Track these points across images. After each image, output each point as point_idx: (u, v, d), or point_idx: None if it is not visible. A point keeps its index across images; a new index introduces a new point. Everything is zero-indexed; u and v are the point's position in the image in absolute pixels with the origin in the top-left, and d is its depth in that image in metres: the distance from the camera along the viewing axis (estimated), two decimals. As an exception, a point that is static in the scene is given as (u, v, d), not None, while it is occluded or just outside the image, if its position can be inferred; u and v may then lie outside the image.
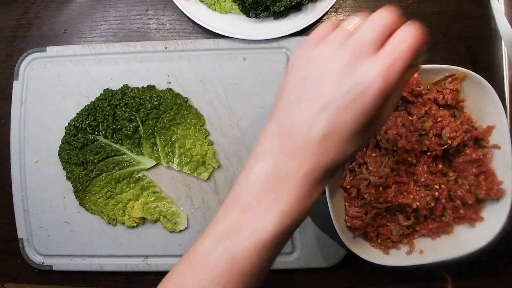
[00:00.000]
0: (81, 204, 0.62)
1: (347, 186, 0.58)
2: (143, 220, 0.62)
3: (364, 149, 0.58)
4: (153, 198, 0.61)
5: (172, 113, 0.62)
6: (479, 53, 0.65)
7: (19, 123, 0.64)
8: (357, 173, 0.59)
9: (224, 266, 0.35)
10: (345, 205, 0.59)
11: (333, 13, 0.65)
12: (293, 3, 0.61)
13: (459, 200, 0.58)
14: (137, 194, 0.62)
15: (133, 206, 0.61)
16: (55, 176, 0.63)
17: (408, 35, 0.38)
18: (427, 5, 0.66)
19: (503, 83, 0.65)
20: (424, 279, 0.63)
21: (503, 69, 0.65)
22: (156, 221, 0.62)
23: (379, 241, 0.57)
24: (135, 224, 0.62)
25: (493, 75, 0.65)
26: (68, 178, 0.62)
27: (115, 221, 0.62)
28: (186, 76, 0.64)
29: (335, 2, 0.64)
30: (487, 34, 0.65)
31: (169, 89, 0.63)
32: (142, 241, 0.62)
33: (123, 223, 0.62)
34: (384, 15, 0.39)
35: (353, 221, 0.56)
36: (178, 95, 0.63)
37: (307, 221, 0.61)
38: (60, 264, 0.62)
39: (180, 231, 0.61)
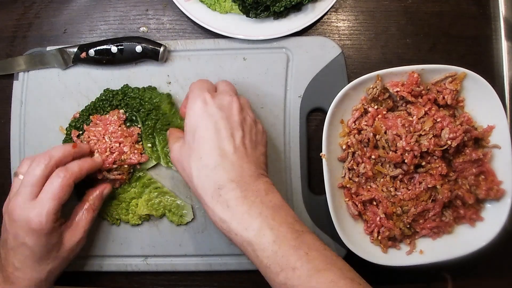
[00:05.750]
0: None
1: (347, 185, 0.59)
2: (148, 217, 0.62)
3: (364, 149, 0.58)
4: (156, 194, 0.62)
5: (171, 114, 0.62)
6: (479, 53, 0.65)
7: (19, 123, 0.64)
8: (355, 171, 0.59)
9: None
10: (345, 201, 0.59)
11: (333, 13, 0.65)
12: (293, 3, 0.61)
13: (459, 200, 0.58)
14: (140, 192, 0.62)
15: (137, 204, 0.61)
16: (55, 176, 0.63)
17: (53, 183, 0.51)
18: (427, 5, 0.66)
19: (503, 83, 0.65)
20: (424, 279, 0.63)
21: (503, 69, 0.65)
22: (161, 216, 0.62)
23: (379, 238, 0.57)
24: (140, 222, 0.62)
25: (493, 75, 0.65)
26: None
27: (119, 221, 0.62)
28: (186, 76, 0.64)
29: (335, 2, 0.64)
30: (487, 34, 0.65)
31: (168, 95, 0.62)
32: (142, 241, 0.62)
33: (128, 222, 0.62)
34: (35, 168, 0.52)
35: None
36: (174, 104, 0.63)
37: (307, 221, 0.61)
38: (60, 264, 0.62)
39: (187, 223, 0.62)
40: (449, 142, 0.55)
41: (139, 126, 0.62)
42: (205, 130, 0.49)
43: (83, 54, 0.62)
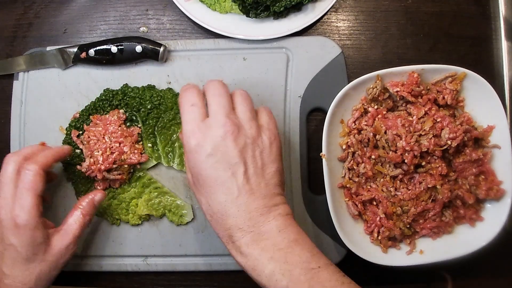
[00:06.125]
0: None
1: (347, 185, 0.59)
2: (148, 217, 0.62)
3: (364, 149, 0.58)
4: (156, 194, 0.62)
5: (172, 112, 0.62)
6: (479, 53, 0.65)
7: (19, 123, 0.64)
8: (355, 171, 0.59)
9: None
10: (345, 201, 0.59)
11: (333, 13, 0.65)
12: (293, 3, 0.61)
13: (459, 200, 0.58)
14: (140, 192, 0.62)
15: (137, 204, 0.61)
16: (55, 176, 0.63)
17: (24, 177, 0.52)
18: (427, 5, 0.66)
19: (503, 83, 0.65)
20: (424, 279, 0.63)
21: (503, 69, 0.65)
22: (161, 216, 0.62)
23: (379, 238, 0.57)
24: (140, 222, 0.62)
25: (493, 75, 0.65)
26: (69, 179, 0.62)
27: (119, 220, 0.62)
28: (186, 76, 0.64)
29: (335, 2, 0.64)
30: (487, 34, 0.65)
31: (169, 89, 0.63)
32: (142, 241, 0.62)
33: (127, 222, 0.62)
34: (7, 167, 0.52)
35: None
36: (178, 94, 0.63)
37: (307, 221, 0.61)
38: (60, 264, 0.62)
39: (187, 223, 0.61)
40: (449, 142, 0.55)
41: (139, 126, 0.62)
42: (205, 177, 0.48)
43: (83, 54, 0.62)
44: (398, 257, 0.58)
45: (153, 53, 0.62)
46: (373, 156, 0.57)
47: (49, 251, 0.53)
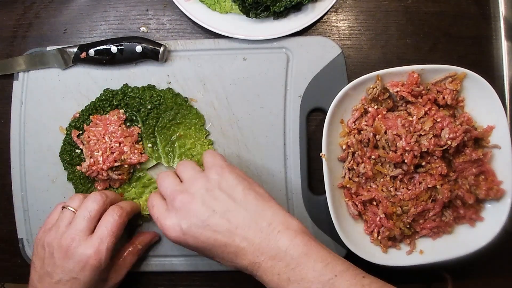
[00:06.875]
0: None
1: (347, 185, 0.59)
2: (148, 217, 0.62)
3: (364, 149, 0.58)
4: None
5: (172, 112, 0.62)
6: (479, 53, 0.65)
7: (19, 123, 0.64)
8: (355, 171, 0.59)
9: None
10: (345, 201, 0.59)
11: (333, 13, 0.65)
12: (293, 3, 0.61)
13: (459, 200, 0.58)
14: (140, 192, 0.62)
15: None
16: (55, 176, 0.63)
17: (110, 219, 0.53)
18: (427, 5, 0.66)
19: (503, 83, 0.65)
20: (424, 279, 0.63)
21: (503, 69, 0.65)
22: None
23: (379, 238, 0.57)
24: (140, 222, 0.62)
25: (493, 75, 0.65)
26: (69, 179, 0.62)
27: None
28: (186, 76, 0.64)
29: (335, 2, 0.64)
30: (487, 34, 0.65)
31: (169, 89, 0.63)
32: (142, 241, 0.62)
33: None
34: (91, 203, 0.53)
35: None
36: (178, 95, 0.63)
37: (307, 221, 0.61)
38: (60, 264, 0.62)
39: None
40: (449, 142, 0.55)
41: (139, 126, 0.62)
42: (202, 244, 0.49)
43: (83, 54, 0.62)
44: (398, 257, 0.58)
45: (153, 53, 0.62)
46: (373, 156, 0.57)
47: (105, 285, 0.55)
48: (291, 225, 0.47)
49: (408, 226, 0.57)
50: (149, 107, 0.61)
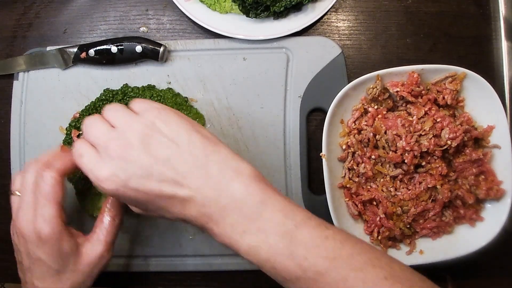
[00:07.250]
0: (81, 205, 0.62)
1: (347, 185, 0.59)
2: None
3: (364, 149, 0.58)
4: None
5: (172, 113, 0.62)
6: (479, 53, 0.65)
7: (19, 123, 0.64)
8: (355, 171, 0.59)
9: None
10: (345, 201, 0.59)
11: (333, 13, 0.65)
12: (293, 3, 0.61)
13: (459, 200, 0.58)
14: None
15: None
16: (55, 176, 0.63)
17: (40, 185, 0.47)
18: (427, 5, 0.66)
19: (503, 83, 0.65)
20: (424, 279, 0.63)
21: (503, 69, 0.65)
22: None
23: (379, 238, 0.57)
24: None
25: (493, 75, 0.65)
26: (69, 179, 0.62)
27: None
28: (186, 76, 0.64)
29: (335, 2, 0.64)
30: (487, 34, 0.65)
31: (169, 89, 0.63)
32: (142, 241, 0.62)
33: None
34: (25, 181, 0.48)
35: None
36: (178, 95, 0.63)
37: (307, 221, 0.61)
38: (60, 264, 0.62)
39: None
40: (449, 142, 0.55)
41: (139, 126, 0.62)
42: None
43: (83, 54, 0.62)
44: (398, 257, 0.58)
45: (153, 53, 0.62)
46: (373, 156, 0.57)
47: (80, 261, 0.49)
48: (245, 170, 0.43)
49: (408, 226, 0.57)
50: (149, 107, 0.61)
